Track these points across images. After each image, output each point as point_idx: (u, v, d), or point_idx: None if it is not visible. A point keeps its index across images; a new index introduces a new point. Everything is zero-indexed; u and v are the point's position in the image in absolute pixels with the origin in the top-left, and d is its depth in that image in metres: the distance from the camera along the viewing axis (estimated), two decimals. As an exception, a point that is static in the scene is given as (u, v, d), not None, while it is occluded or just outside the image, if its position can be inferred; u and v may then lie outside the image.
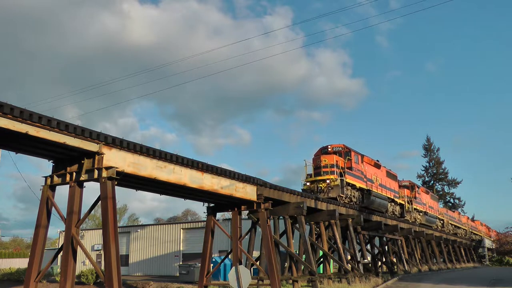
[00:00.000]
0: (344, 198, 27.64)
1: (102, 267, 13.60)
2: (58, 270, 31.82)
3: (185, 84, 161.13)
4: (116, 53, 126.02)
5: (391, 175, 38.24)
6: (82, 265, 34.14)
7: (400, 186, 41.39)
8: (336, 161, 27.90)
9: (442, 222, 54.46)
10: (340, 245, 25.98)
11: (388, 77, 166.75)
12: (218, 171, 17.83)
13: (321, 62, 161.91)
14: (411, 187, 43.63)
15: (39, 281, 14.02)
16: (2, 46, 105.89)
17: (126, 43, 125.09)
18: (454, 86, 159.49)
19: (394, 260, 36.90)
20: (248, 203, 20.32)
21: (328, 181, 26.85)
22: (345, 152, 29.67)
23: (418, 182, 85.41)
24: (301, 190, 25.75)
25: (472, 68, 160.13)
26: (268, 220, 20.56)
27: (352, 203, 29.11)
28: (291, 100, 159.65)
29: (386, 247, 35.58)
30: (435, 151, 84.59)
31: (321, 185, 26.99)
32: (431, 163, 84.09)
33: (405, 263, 36.72)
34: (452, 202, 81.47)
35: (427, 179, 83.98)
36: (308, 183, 27.59)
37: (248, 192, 19.65)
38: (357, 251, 28.61)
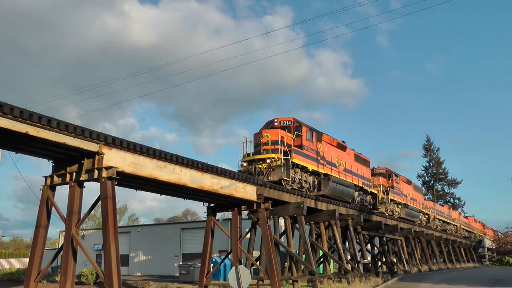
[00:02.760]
0: (290, 183, 22.31)
1: (102, 267, 13.61)
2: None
3: (185, 84, 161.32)
4: (116, 53, 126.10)
5: (361, 160, 32.45)
6: (84, 266, 34.11)
7: (374, 174, 36.10)
8: (282, 137, 22.56)
9: (427, 216, 48.84)
10: (340, 245, 26.00)
11: (388, 77, 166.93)
12: (218, 171, 17.83)
13: (321, 62, 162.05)
14: (388, 175, 37.80)
15: (39, 281, 14.02)
16: (2, 46, 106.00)
17: (126, 43, 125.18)
18: (454, 86, 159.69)
19: (394, 260, 36.93)
20: (248, 203, 20.33)
21: (268, 161, 21.60)
22: (295, 127, 24.11)
23: (418, 182, 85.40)
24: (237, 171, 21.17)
25: (472, 68, 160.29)
26: (268, 220, 20.57)
27: (303, 189, 23.85)
28: (291, 100, 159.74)
29: (386, 247, 35.60)
30: (435, 151, 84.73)
31: (260, 166, 21.76)
32: (431, 163, 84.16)
33: (405, 263, 36.76)
34: (452, 202, 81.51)
35: (427, 179, 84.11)
36: (245, 164, 22.28)
37: (248, 192, 19.66)
38: (357, 251, 28.62)
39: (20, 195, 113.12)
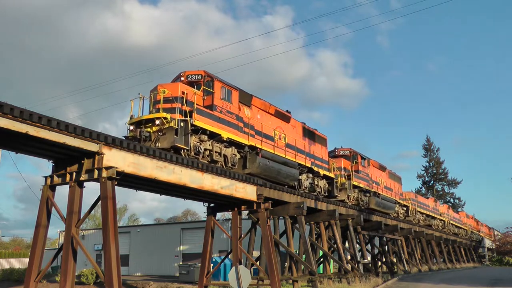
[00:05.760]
0: (192, 153, 16.99)
1: (102, 267, 13.61)
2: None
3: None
4: (116, 53, 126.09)
5: (313, 136, 26.49)
6: (84, 266, 34.07)
7: (335, 156, 31.16)
8: (182, 92, 17.09)
9: (405, 209, 42.22)
10: (340, 245, 26.01)
11: (388, 77, 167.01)
12: (218, 171, 17.83)
13: (321, 62, 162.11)
14: (353, 156, 31.71)
15: (39, 281, 14.02)
16: (3, 45, 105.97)
17: (126, 43, 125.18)
18: (455, 86, 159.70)
19: (394, 260, 36.93)
20: (248, 203, 20.33)
21: (157, 122, 16.25)
22: (206, 83, 18.61)
23: (418, 182, 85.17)
24: (123, 138, 15.88)
25: (473, 68, 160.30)
26: (268, 220, 20.57)
27: (217, 163, 18.40)
28: (291, 100, 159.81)
29: (386, 247, 35.62)
30: (435, 151, 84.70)
31: (148, 130, 16.49)
32: (431, 163, 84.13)
33: (405, 263, 36.75)
34: (452, 202, 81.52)
35: (427, 179, 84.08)
36: (131, 127, 16.77)
37: (248, 192, 19.66)
38: (357, 251, 28.62)
39: (20, 195, 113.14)
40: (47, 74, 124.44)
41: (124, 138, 14.24)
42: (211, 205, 21.23)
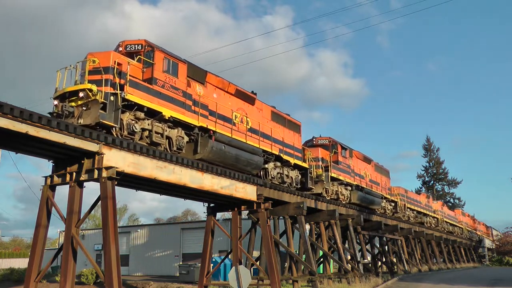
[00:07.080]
0: (125, 133, 14.65)
1: (102, 267, 13.61)
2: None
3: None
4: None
5: (283, 121, 23.84)
6: (84, 266, 34.05)
7: (313, 145, 28.35)
8: (117, 63, 14.65)
9: (394, 204, 39.04)
10: (340, 245, 26.01)
11: (388, 77, 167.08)
12: (218, 171, 17.83)
13: (322, 62, 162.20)
14: (332, 146, 28.45)
15: (39, 281, 14.02)
16: (3, 45, 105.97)
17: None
18: (455, 86, 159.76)
19: (394, 260, 36.93)
20: (248, 203, 20.34)
21: (81, 94, 13.82)
22: (147, 53, 16.05)
23: (418, 182, 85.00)
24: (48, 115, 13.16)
25: (473, 68, 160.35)
26: (268, 220, 20.58)
27: (160, 147, 15.92)
28: (291, 100, 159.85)
29: (386, 247, 35.63)
30: (435, 151, 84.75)
31: (72, 104, 14.07)
32: (431, 163, 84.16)
33: (405, 263, 36.76)
34: (452, 202, 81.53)
35: (427, 179, 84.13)
36: (56, 102, 14.15)
37: (248, 192, 19.66)
38: (357, 251, 28.61)
39: (20, 195, 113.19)
40: (47, 74, 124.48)
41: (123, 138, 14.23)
42: (211, 205, 21.24)
